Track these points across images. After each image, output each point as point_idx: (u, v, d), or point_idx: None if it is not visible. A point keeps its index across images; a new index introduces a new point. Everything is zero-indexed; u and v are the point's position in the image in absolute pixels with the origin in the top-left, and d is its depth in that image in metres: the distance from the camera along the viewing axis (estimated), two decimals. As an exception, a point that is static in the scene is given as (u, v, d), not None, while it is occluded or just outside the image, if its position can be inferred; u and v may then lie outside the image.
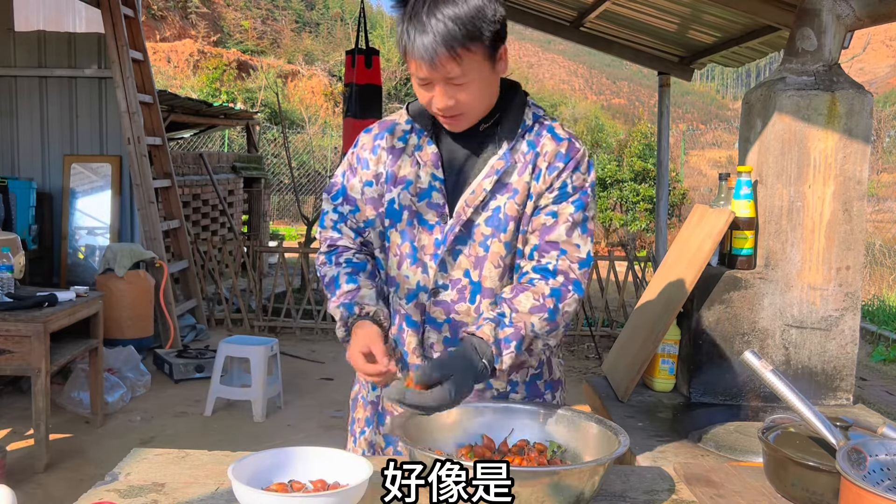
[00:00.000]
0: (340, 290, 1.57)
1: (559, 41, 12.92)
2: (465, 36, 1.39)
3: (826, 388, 2.29)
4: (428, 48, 1.39)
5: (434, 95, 1.47)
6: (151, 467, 1.45)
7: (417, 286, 1.58)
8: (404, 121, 1.63)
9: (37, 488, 3.61)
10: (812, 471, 1.31)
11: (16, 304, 3.77)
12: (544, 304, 1.47)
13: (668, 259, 2.55)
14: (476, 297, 1.56)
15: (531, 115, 1.59)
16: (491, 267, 1.55)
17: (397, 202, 1.59)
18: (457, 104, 1.47)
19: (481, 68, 1.45)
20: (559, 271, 1.51)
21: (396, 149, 1.61)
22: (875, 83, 26.28)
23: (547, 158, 1.54)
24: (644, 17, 5.38)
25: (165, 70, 18.87)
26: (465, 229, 1.55)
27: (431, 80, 1.45)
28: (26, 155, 6.72)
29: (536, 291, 1.48)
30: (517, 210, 1.54)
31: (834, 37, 2.28)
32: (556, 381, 1.69)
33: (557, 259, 1.51)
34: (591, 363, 6.28)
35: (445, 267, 1.56)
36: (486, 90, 1.50)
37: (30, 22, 8.25)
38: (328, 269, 1.63)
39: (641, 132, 12.99)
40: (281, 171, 16.30)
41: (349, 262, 1.62)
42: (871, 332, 6.96)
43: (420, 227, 1.57)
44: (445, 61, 1.40)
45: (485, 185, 1.53)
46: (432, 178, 1.57)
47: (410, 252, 1.58)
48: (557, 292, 1.49)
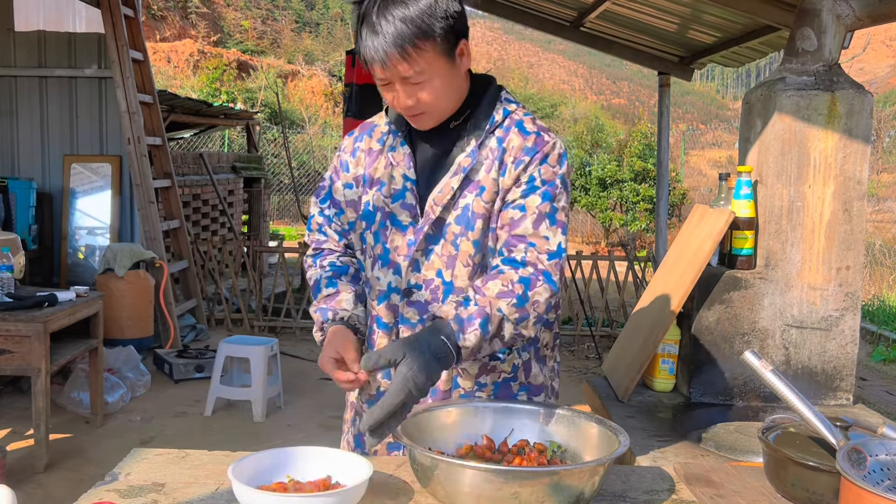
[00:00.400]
0: (321, 293, 1.61)
1: (559, 41, 12.93)
2: (415, 34, 1.39)
3: (826, 388, 2.29)
4: (378, 49, 1.40)
5: (395, 95, 1.47)
6: (151, 467, 1.45)
7: (388, 287, 1.57)
8: (384, 122, 1.63)
9: (37, 488, 3.61)
10: (812, 471, 1.31)
11: (16, 304, 3.77)
12: (512, 289, 1.43)
13: (668, 259, 2.55)
14: (449, 296, 1.55)
15: (502, 110, 1.56)
16: (461, 266, 1.54)
17: (371, 204, 1.59)
18: (418, 103, 1.47)
19: (437, 66, 1.44)
20: (528, 262, 1.47)
21: (374, 151, 1.61)
22: (875, 83, 26.29)
23: (513, 153, 1.52)
24: (644, 17, 5.38)
25: (165, 70, 18.88)
26: (437, 228, 1.54)
27: (390, 80, 1.45)
28: (26, 155, 6.72)
29: (505, 278, 1.45)
30: (485, 207, 1.52)
31: (834, 37, 2.28)
32: (536, 385, 1.65)
33: (526, 251, 1.48)
34: (591, 363, 6.28)
35: (419, 267, 1.55)
36: (448, 87, 1.48)
37: (30, 22, 8.26)
38: (312, 272, 1.67)
39: (641, 132, 12.99)
40: (281, 171, 16.30)
41: (332, 266, 1.65)
42: (871, 332, 6.96)
43: (393, 228, 1.57)
44: (396, 61, 1.40)
45: (452, 182, 1.52)
46: (404, 179, 1.56)
47: (382, 253, 1.58)
48: (526, 280, 1.45)
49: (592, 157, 13.80)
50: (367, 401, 1.65)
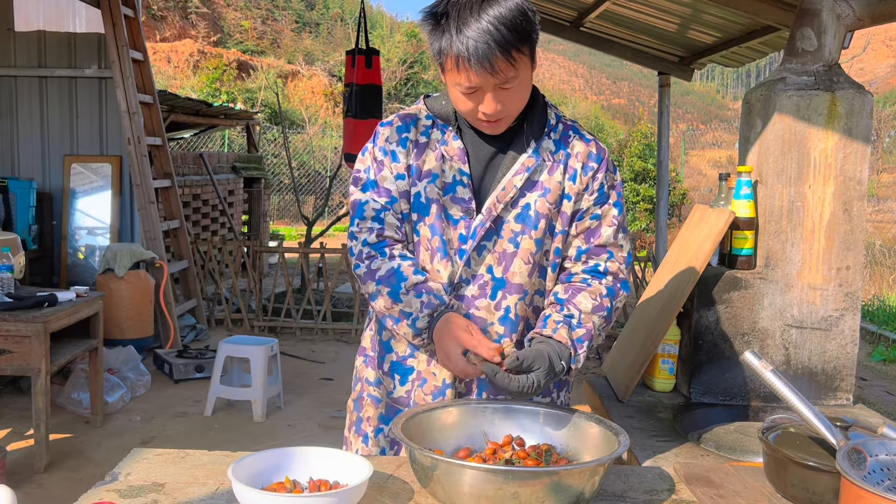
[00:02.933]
0: (408, 281, 1.52)
1: (559, 41, 12.92)
2: (518, 39, 1.42)
3: (826, 388, 2.29)
4: (485, 55, 1.40)
5: (482, 102, 1.48)
6: (151, 467, 1.45)
7: (448, 280, 1.58)
8: (424, 115, 1.63)
9: (37, 488, 3.61)
10: (812, 471, 1.31)
11: (16, 304, 3.77)
12: (602, 303, 1.55)
13: (668, 259, 2.55)
14: (498, 293, 1.57)
15: (553, 114, 1.62)
16: (521, 263, 1.57)
17: (424, 196, 1.59)
18: (504, 108, 1.49)
19: (527, 70, 1.49)
20: (609, 272, 1.58)
21: (421, 143, 1.61)
22: (875, 83, 26.28)
23: (580, 159, 1.58)
24: (644, 17, 5.38)
25: (165, 70, 18.87)
26: (494, 225, 1.57)
27: (480, 87, 1.46)
28: (26, 155, 6.73)
29: (594, 291, 1.55)
30: (549, 208, 1.57)
31: (834, 37, 2.28)
32: (562, 380, 1.69)
33: (607, 261, 1.59)
34: (591, 363, 6.28)
35: (469, 262, 1.57)
36: (527, 91, 1.53)
37: (30, 22, 8.24)
38: (380, 261, 1.56)
39: (641, 132, 12.99)
40: (281, 171, 16.30)
41: (405, 256, 1.58)
42: (871, 332, 6.96)
43: (446, 221, 1.58)
44: (503, 67, 1.42)
45: (515, 181, 1.55)
46: (458, 173, 1.58)
47: (440, 246, 1.58)
48: (612, 291, 1.57)
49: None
50: (433, 392, 1.61)
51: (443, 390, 1.61)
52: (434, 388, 1.62)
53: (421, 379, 1.63)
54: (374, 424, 1.70)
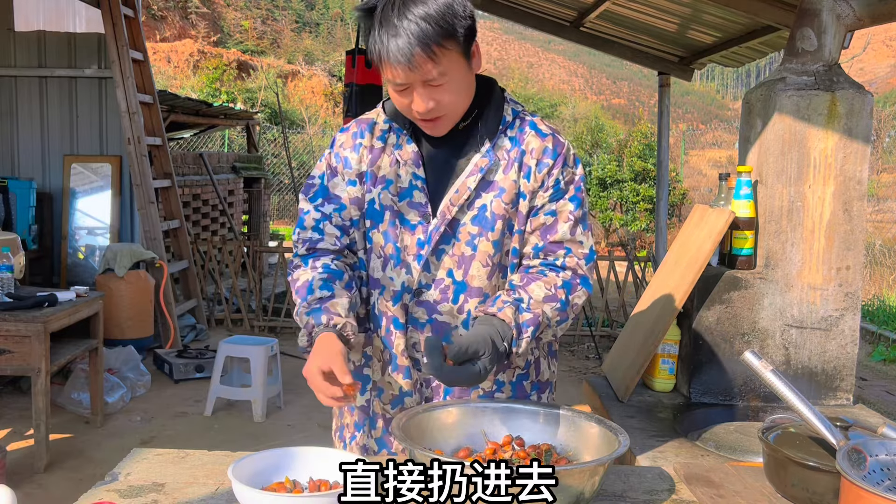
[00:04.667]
0: (313, 295, 1.50)
1: (559, 41, 12.92)
2: (440, 34, 1.38)
3: (826, 388, 2.29)
4: (403, 50, 1.37)
5: (413, 100, 1.45)
6: (151, 467, 1.45)
7: (402, 287, 1.56)
8: (382, 120, 1.60)
9: (37, 488, 3.61)
10: (812, 471, 1.31)
11: (16, 304, 3.77)
12: (556, 294, 1.48)
13: (668, 259, 2.55)
14: (460, 296, 1.55)
15: (510, 111, 1.57)
16: (479, 266, 1.54)
17: (378, 202, 1.56)
18: (437, 106, 1.45)
19: (458, 66, 1.44)
20: (567, 267, 1.53)
21: (376, 148, 1.58)
22: (875, 83, 26.28)
23: (534, 155, 1.53)
24: (644, 17, 5.38)
25: (165, 70, 18.87)
26: (450, 229, 1.53)
27: (409, 85, 1.43)
28: (26, 155, 6.72)
29: (548, 282, 1.50)
30: (505, 208, 1.52)
31: (834, 37, 2.28)
32: (543, 382, 1.67)
33: (565, 257, 1.53)
34: (591, 363, 6.28)
35: (429, 267, 1.55)
36: (464, 89, 1.48)
37: (30, 22, 8.26)
38: (302, 272, 1.55)
39: (641, 132, 12.98)
40: (281, 171, 16.29)
41: (326, 268, 1.54)
42: (871, 332, 6.96)
43: (402, 227, 1.55)
44: (422, 62, 1.38)
45: (469, 183, 1.52)
46: (413, 178, 1.55)
47: (394, 253, 1.56)
48: (568, 284, 1.51)
49: (592, 158, 13.79)
50: (392, 401, 1.62)
51: (401, 398, 1.60)
52: (392, 396, 1.62)
53: (377, 388, 1.63)
54: (351, 431, 1.70)
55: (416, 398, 1.61)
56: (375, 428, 1.66)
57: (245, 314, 6.91)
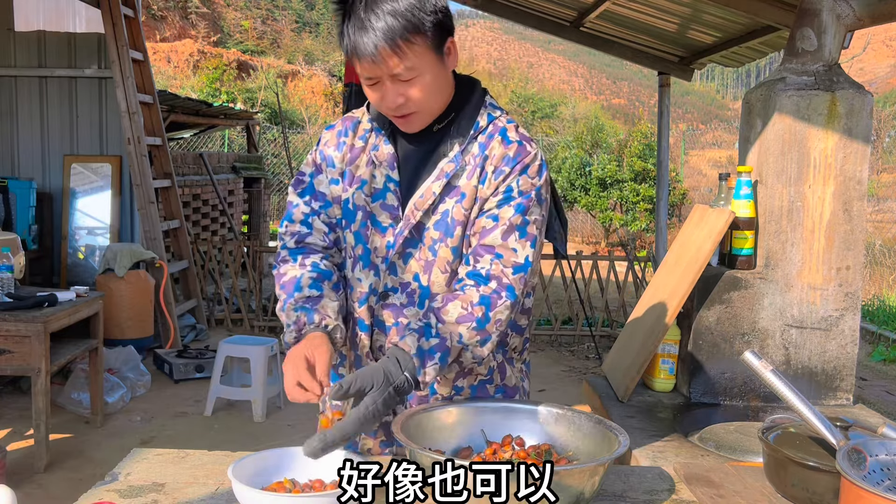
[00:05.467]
0: (301, 293, 1.48)
1: (559, 41, 12.93)
2: (405, 28, 1.36)
3: (826, 388, 2.29)
4: (368, 45, 1.37)
5: (383, 94, 1.43)
6: (151, 467, 1.45)
7: (369, 289, 1.55)
8: (366, 119, 1.59)
9: (37, 488, 3.61)
10: (812, 471, 1.31)
11: (16, 304, 3.77)
12: (472, 312, 1.41)
13: (668, 259, 2.55)
14: (425, 301, 1.52)
15: (486, 115, 1.53)
16: (438, 272, 1.51)
17: (352, 202, 1.55)
18: (407, 102, 1.43)
19: (427, 62, 1.41)
20: (492, 276, 1.45)
21: (356, 147, 1.57)
22: (875, 83, 26.29)
23: (494, 162, 1.49)
24: (644, 17, 5.38)
25: (165, 70, 18.88)
26: (416, 233, 1.51)
27: (378, 78, 1.42)
28: (26, 155, 6.72)
29: (465, 299, 1.43)
30: (464, 214, 1.49)
31: (834, 37, 2.28)
32: (511, 387, 1.65)
33: (491, 263, 1.45)
34: (591, 363, 6.28)
35: (395, 270, 1.53)
36: (437, 86, 1.45)
37: (30, 22, 8.26)
38: (290, 267, 1.53)
39: (641, 132, 12.99)
40: (281, 171, 16.29)
41: (315, 267, 1.53)
42: (871, 332, 6.96)
43: (373, 228, 1.54)
44: (387, 56, 1.37)
45: (434, 188, 1.49)
46: (387, 179, 1.53)
47: (363, 254, 1.55)
48: (487, 300, 1.43)
49: (592, 157, 13.80)
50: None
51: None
52: None
53: None
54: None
55: None
56: None
57: (245, 314, 6.91)
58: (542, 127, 23.63)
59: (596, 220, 13.27)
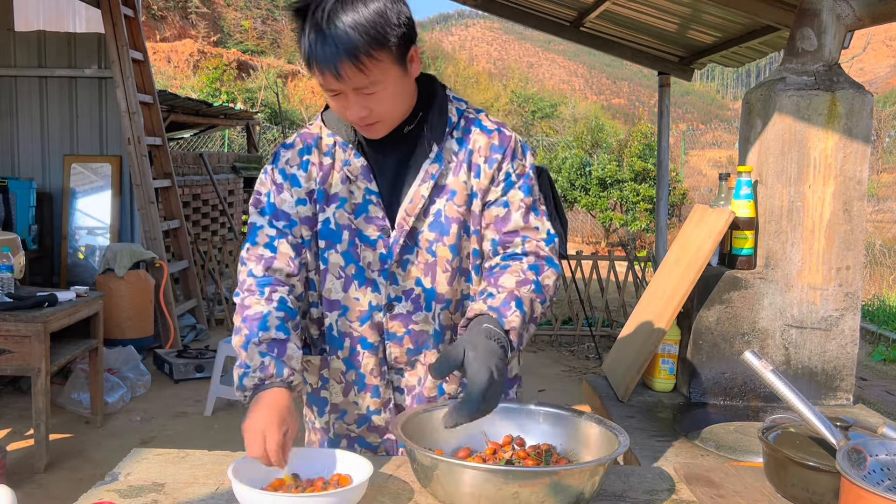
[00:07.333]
0: (267, 333, 1.40)
1: (559, 41, 12.92)
2: (369, 43, 1.31)
3: (826, 388, 2.29)
4: (330, 60, 1.31)
5: (347, 106, 1.40)
6: (151, 467, 1.46)
7: (370, 306, 1.52)
8: (326, 134, 1.53)
9: (37, 488, 3.61)
10: (812, 471, 1.31)
11: (16, 304, 3.77)
12: (527, 277, 1.42)
13: (668, 259, 2.55)
14: (432, 303, 1.52)
15: (455, 110, 1.52)
16: (440, 272, 1.51)
17: (333, 222, 1.51)
18: (372, 113, 1.40)
19: (391, 75, 1.37)
20: (528, 252, 1.47)
21: (325, 165, 1.52)
22: (875, 83, 26.30)
23: (482, 153, 1.49)
24: (644, 17, 5.38)
25: (165, 70, 18.88)
26: (410, 238, 1.50)
27: (341, 91, 1.37)
28: (26, 155, 6.73)
29: (514, 269, 1.43)
30: (458, 211, 1.49)
31: (834, 37, 2.28)
32: (511, 378, 1.65)
33: (523, 244, 1.48)
34: (591, 363, 6.28)
35: (396, 280, 1.51)
36: (401, 95, 1.42)
37: (30, 22, 8.26)
38: (255, 300, 1.45)
39: (641, 132, 12.99)
40: (281, 172, 16.28)
41: (282, 304, 1.45)
42: (871, 332, 6.96)
43: (363, 244, 1.51)
44: (351, 72, 1.32)
45: (422, 191, 1.48)
46: (366, 192, 1.50)
47: (357, 273, 1.51)
48: (535, 266, 1.45)
49: (592, 157, 13.80)
50: (357, 420, 1.59)
51: (368, 417, 1.58)
52: (358, 416, 1.58)
53: (339, 411, 1.59)
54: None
55: (386, 416, 1.58)
56: (339, 446, 1.61)
57: (245, 314, 6.90)
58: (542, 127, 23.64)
59: (596, 220, 13.27)
